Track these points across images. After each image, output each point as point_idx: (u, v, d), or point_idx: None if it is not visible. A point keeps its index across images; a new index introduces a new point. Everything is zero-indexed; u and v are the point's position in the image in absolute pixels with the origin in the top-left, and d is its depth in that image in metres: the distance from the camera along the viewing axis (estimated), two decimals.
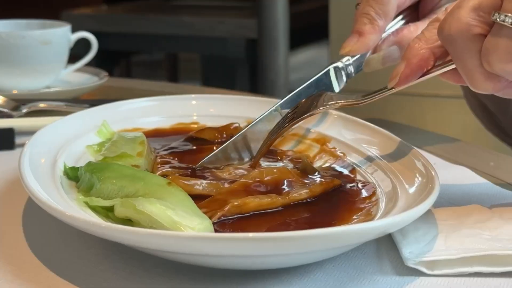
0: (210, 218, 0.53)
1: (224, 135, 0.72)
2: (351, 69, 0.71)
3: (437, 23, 0.55)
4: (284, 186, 0.60)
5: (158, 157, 0.67)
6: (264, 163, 0.66)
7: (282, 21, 2.23)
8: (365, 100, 0.60)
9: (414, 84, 0.57)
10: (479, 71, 0.53)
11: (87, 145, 0.68)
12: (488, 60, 0.51)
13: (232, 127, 0.73)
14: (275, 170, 0.61)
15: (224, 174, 0.63)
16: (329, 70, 0.70)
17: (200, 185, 0.59)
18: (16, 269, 0.52)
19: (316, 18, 2.60)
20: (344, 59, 0.71)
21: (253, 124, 0.68)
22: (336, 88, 0.70)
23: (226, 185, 0.60)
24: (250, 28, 2.28)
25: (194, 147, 0.71)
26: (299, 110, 0.64)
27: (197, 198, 0.57)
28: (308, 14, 2.65)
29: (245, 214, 0.56)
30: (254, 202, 0.56)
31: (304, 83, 0.69)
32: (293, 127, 0.65)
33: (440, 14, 0.57)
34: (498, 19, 0.50)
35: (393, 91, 0.58)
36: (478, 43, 0.52)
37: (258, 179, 0.59)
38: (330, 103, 0.62)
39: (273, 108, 0.68)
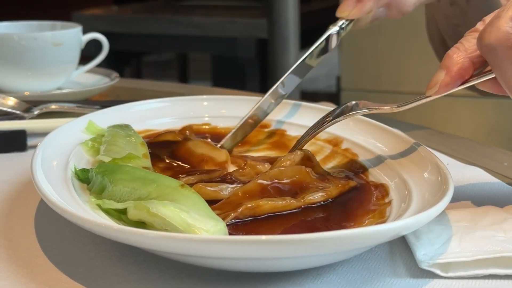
0: (223, 220, 0.53)
1: (187, 133, 0.73)
2: (344, 31, 0.77)
3: (475, 33, 0.56)
4: (301, 188, 0.59)
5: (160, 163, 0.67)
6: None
7: (293, 20, 2.23)
8: (400, 108, 0.60)
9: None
10: None
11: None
12: None
13: (193, 127, 0.75)
14: (295, 172, 0.61)
15: (245, 177, 0.63)
16: (328, 36, 0.76)
17: (226, 189, 0.59)
18: (28, 272, 0.52)
19: (326, 17, 2.60)
20: (340, 23, 0.77)
21: (262, 102, 0.73)
22: (331, 49, 0.76)
23: None
24: (260, 28, 2.27)
25: (175, 143, 0.70)
26: (333, 114, 0.64)
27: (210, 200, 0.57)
28: (318, 13, 2.64)
29: (258, 216, 0.56)
30: (268, 205, 0.56)
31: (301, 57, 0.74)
32: (326, 129, 0.66)
33: (478, 25, 0.57)
34: None
35: (430, 99, 0.58)
36: None
37: (276, 180, 0.59)
38: (364, 109, 0.62)
39: (278, 84, 0.73)
